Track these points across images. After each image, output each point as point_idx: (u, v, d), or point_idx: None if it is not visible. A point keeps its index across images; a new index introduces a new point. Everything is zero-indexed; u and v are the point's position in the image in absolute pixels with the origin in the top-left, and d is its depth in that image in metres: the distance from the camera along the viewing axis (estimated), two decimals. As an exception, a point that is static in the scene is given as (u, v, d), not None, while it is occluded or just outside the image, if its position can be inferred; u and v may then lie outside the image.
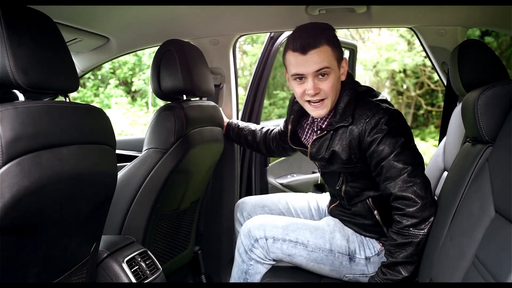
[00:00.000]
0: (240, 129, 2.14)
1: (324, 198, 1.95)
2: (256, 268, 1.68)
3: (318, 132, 1.65)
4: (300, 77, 1.51)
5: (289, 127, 1.76)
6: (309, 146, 1.65)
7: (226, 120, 2.21)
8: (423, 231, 1.42)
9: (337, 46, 1.51)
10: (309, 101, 1.53)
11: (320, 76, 1.49)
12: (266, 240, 1.64)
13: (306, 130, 1.75)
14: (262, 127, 2.13)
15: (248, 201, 1.97)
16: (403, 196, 1.44)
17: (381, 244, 1.66)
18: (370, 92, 1.57)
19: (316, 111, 1.54)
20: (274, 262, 1.70)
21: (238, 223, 1.97)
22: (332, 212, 1.78)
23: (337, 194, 1.71)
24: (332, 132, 1.56)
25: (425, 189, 1.45)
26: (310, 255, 1.63)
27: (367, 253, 1.65)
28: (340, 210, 1.73)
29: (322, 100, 1.52)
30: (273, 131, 2.06)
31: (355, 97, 1.54)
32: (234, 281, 1.73)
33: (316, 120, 1.65)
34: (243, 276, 1.69)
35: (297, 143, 1.77)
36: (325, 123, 1.61)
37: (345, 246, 1.64)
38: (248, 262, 1.67)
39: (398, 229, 1.46)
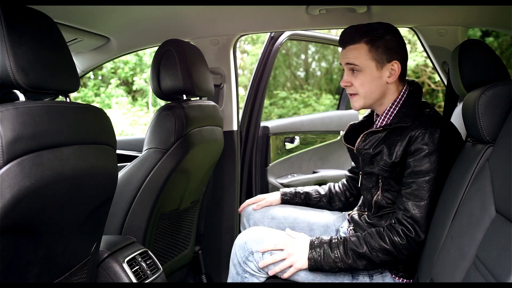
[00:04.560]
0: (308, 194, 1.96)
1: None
2: (251, 281, 1.60)
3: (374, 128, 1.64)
4: (344, 68, 1.60)
5: (348, 126, 1.79)
6: (359, 138, 1.63)
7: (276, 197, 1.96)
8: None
9: (377, 47, 1.53)
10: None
11: (354, 71, 1.56)
12: (263, 254, 1.57)
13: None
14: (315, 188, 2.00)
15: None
16: (415, 224, 1.46)
17: None
18: (427, 106, 1.60)
19: (352, 103, 1.61)
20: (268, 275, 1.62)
21: (243, 229, 1.89)
22: (353, 218, 1.72)
23: (367, 202, 1.67)
24: (387, 132, 1.55)
25: (430, 218, 1.47)
26: (309, 272, 1.55)
27: (370, 271, 1.58)
28: (361, 218, 1.68)
29: (355, 94, 1.58)
30: (338, 183, 1.96)
31: (419, 106, 1.58)
32: None
33: (376, 123, 1.66)
34: None
35: (350, 142, 1.74)
36: (384, 123, 1.61)
37: None
38: (243, 275, 1.61)
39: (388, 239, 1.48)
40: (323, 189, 1.95)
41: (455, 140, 1.54)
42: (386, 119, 1.60)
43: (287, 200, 1.93)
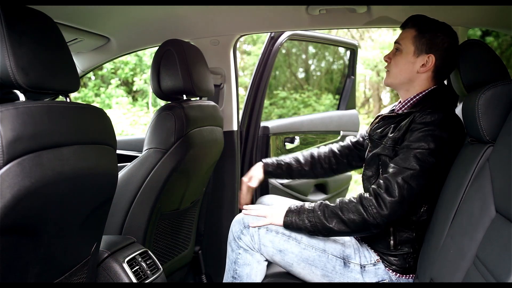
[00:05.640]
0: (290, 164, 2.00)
1: None
2: (245, 259, 1.64)
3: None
4: None
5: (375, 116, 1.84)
6: (374, 120, 1.73)
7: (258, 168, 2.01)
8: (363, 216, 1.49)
9: (422, 37, 1.63)
10: None
11: (397, 50, 1.68)
12: (259, 229, 1.63)
13: None
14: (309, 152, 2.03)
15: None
16: (389, 184, 1.49)
17: (378, 256, 1.62)
18: (446, 101, 1.64)
19: (384, 79, 1.74)
20: (263, 256, 1.65)
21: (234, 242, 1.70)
22: None
23: (365, 189, 1.70)
24: (401, 118, 1.62)
25: (414, 195, 1.49)
26: (302, 253, 1.60)
27: (362, 260, 1.61)
28: None
29: (388, 71, 1.71)
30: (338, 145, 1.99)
31: (436, 99, 1.63)
32: (226, 273, 1.70)
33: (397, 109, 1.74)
34: (232, 267, 1.67)
35: None
36: (400, 111, 1.68)
37: (339, 248, 1.61)
38: (237, 251, 1.65)
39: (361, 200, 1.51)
40: (303, 157, 1.99)
41: (458, 130, 1.55)
42: (404, 107, 1.68)
43: (270, 172, 1.99)
